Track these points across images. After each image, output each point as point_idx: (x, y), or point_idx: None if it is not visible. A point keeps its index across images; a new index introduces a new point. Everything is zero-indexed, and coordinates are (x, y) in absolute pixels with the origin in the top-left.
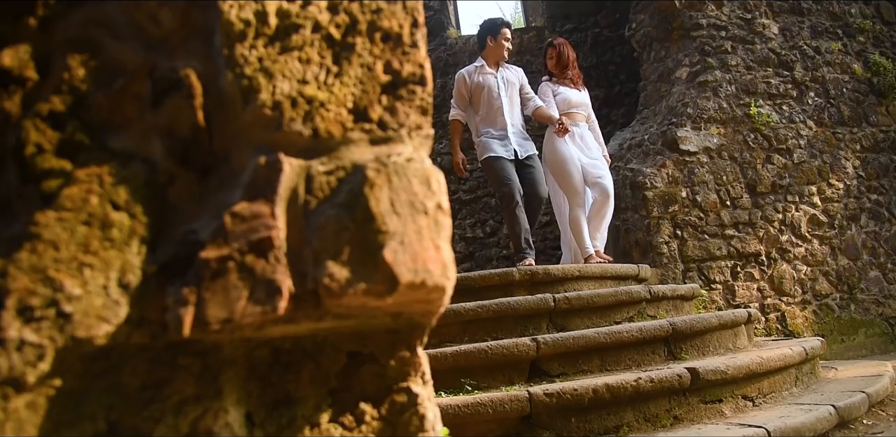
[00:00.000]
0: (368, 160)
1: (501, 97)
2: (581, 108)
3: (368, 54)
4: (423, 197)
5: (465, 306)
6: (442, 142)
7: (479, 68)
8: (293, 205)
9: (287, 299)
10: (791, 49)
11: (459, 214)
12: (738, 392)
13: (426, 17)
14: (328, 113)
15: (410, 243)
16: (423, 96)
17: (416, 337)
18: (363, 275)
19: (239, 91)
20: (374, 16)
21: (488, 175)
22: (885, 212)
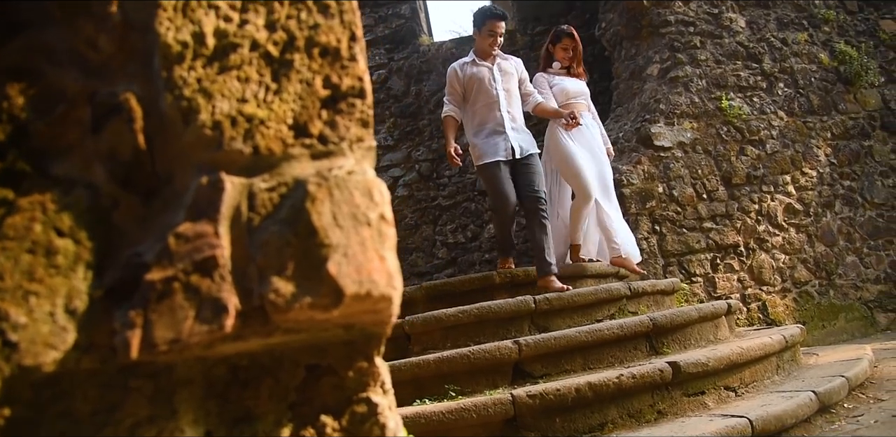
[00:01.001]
0: (310, 175)
1: (497, 89)
2: (580, 97)
3: (307, 70)
4: (365, 209)
5: (447, 312)
6: (419, 149)
7: (471, 61)
8: (237, 223)
9: (234, 317)
10: (759, 42)
11: (440, 219)
12: (720, 383)
13: (398, 26)
14: (268, 130)
15: (354, 254)
16: (363, 109)
17: (372, 347)
18: (308, 289)
19: (179, 113)
20: (312, 32)
21: (483, 183)
22: (858, 197)
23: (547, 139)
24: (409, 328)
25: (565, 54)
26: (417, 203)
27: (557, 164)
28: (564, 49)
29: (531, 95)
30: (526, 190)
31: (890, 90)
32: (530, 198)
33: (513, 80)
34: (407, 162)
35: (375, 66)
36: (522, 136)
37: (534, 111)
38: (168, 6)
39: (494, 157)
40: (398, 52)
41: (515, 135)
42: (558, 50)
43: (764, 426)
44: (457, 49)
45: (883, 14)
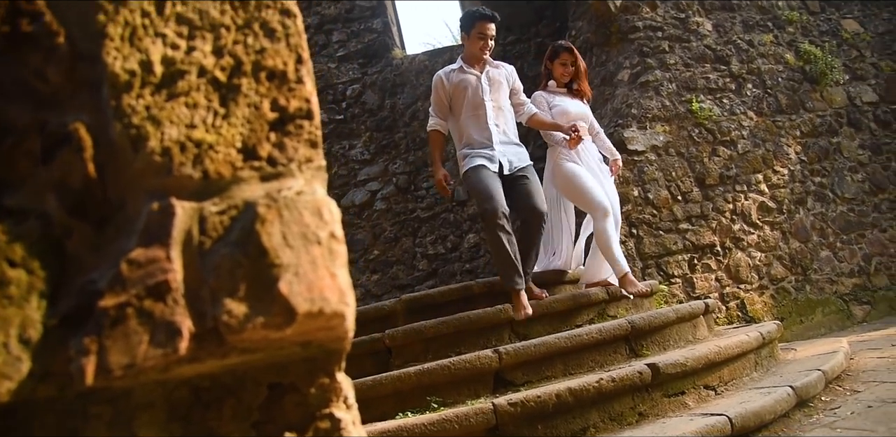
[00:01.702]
0: (259, 197)
1: (485, 99)
2: (582, 121)
3: (255, 94)
4: (315, 228)
5: (426, 323)
6: (396, 162)
7: (459, 68)
8: (188, 247)
9: (188, 340)
10: (726, 44)
11: (419, 231)
12: (699, 383)
13: (370, 40)
14: (217, 154)
15: (305, 273)
16: (311, 130)
17: (333, 363)
18: (261, 309)
19: (128, 140)
20: (259, 56)
21: (469, 190)
22: (829, 193)
23: (547, 163)
24: (389, 342)
25: (564, 70)
26: (396, 216)
27: (561, 186)
28: (563, 65)
29: (524, 105)
30: (523, 203)
31: (854, 88)
32: (529, 210)
33: (503, 89)
34: (384, 175)
35: (349, 81)
36: (513, 149)
37: (528, 123)
38: (115, 36)
39: (478, 162)
40: (372, 66)
41: (504, 149)
42: (556, 66)
43: (743, 423)
44: (430, 61)
45: (844, 14)
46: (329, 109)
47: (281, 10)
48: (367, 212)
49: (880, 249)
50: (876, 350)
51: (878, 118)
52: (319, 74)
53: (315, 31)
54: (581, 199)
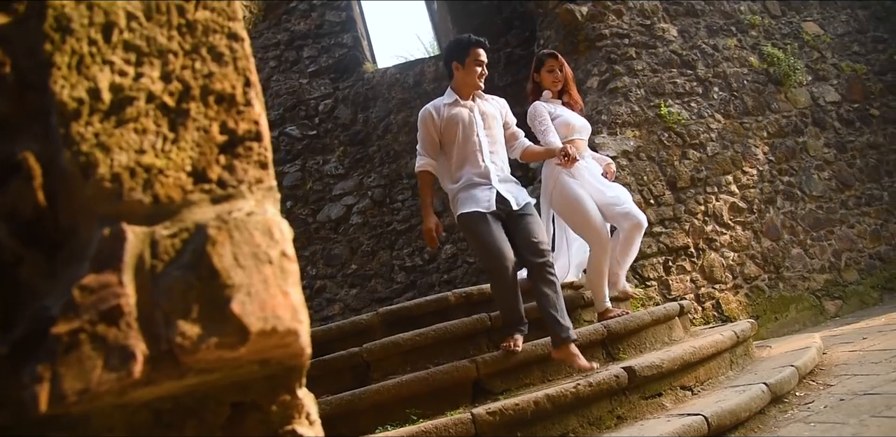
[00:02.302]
0: (210, 219)
1: (479, 135)
2: (583, 133)
3: (204, 117)
4: (266, 247)
5: (403, 336)
6: (371, 175)
7: (449, 102)
8: (140, 271)
9: (142, 363)
10: (691, 49)
11: (396, 244)
12: (676, 384)
13: (341, 55)
14: (167, 179)
15: (257, 292)
16: (260, 151)
17: (294, 380)
18: (214, 329)
19: (78, 168)
20: (207, 80)
21: (468, 239)
22: (797, 192)
23: (546, 180)
24: (367, 356)
25: (553, 77)
26: (373, 229)
27: (560, 210)
28: (550, 71)
29: (518, 139)
30: (526, 243)
31: (818, 88)
32: (533, 252)
33: (496, 124)
34: (359, 189)
35: (322, 96)
36: (513, 188)
37: (522, 157)
38: (62, 64)
39: (474, 207)
40: (343, 80)
41: (503, 187)
42: (544, 75)
43: (719, 421)
44: (401, 74)
45: (804, 17)
46: (302, 125)
47: (228, 35)
48: (343, 226)
49: (849, 244)
50: (848, 344)
51: (842, 117)
52: (291, 90)
53: (286, 48)
54: (580, 227)
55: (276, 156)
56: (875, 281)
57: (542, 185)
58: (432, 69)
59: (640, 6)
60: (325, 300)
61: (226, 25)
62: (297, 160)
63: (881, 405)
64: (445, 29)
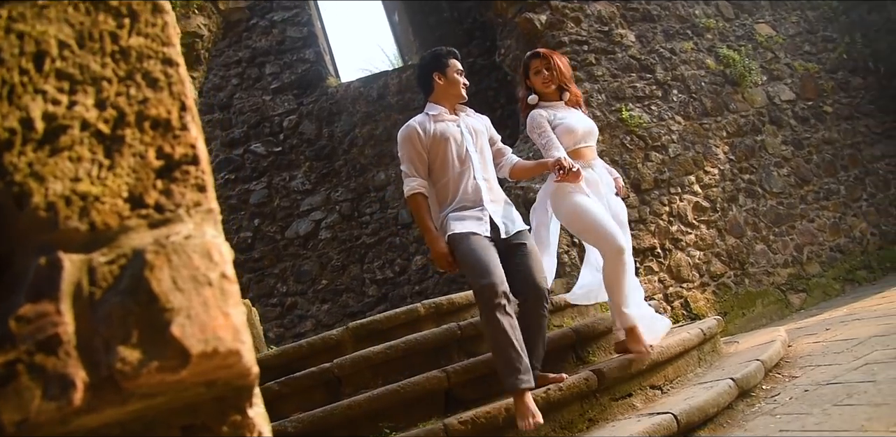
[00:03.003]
0: (148, 244)
1: (470, 152)
2: (590, 139)
3: (139, 143)
4: (205, 270)
5: (373, 350)
6: (338, 190)
7: (434, 117)
8: (78, 298)
9: (83, 390)
10: (649, 53)
11: (366, 257)
12: (645, 384)
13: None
14: (104, 206)
15: (198, 315)
16: (197, 175)
17: (243, 400)
18: (155, 353)
19: (11, 198)
20: (142, 106)
21: (458, 260)
22: (758, 189)
23: (547, 190)
24: (338, 371)
25: (541, 78)
26: (342, 244)
27: (567, 220)
28: (537, 73)
29: (505, 156)
30: (524, 280)
31: (773, 87)
32: (531, 289)
33: (484, 139)
34: (327, 204)
35: (285, 112)
36: (506, 210)
37: (511, 175)
38: None
39: (468, 227)
40: (307, 96)
41: (495, 208)
42: (533, 79)
43: (688, 418)
44: (365, 88)
45: (757, 19)
46: (267, 142)
47: (163, 60)
48: (312, 242)
49: (810, 238)
50: (812, 335)
51: (797, 115)
52: (255, 108)
53: (248, 65)
54: (591, 236)
55: (242, 174)
56: (836, 273)
57: (542, 190)
58: (396, 81)
59: (598, 13)
60: (297, 317)
61: (160, 51)
62: (264, 177)
63: (843, 393)
64: (407, 41)
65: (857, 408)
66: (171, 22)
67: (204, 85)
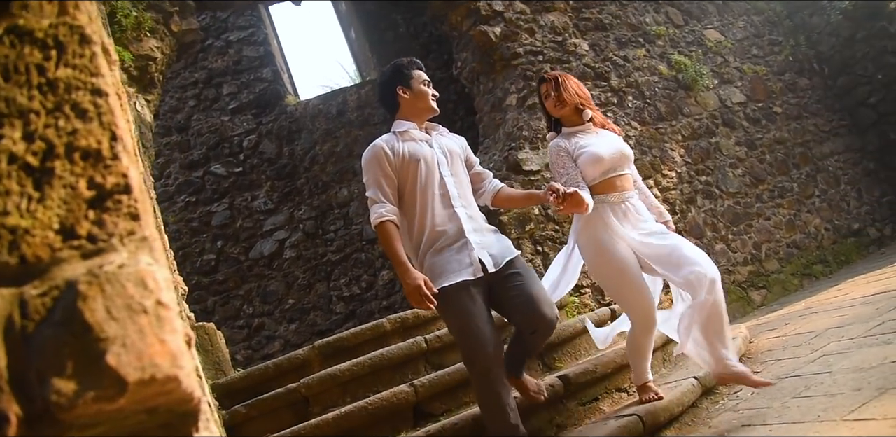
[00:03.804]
0: (81, 275)
1: (444, 176)
2: (623, 165)
3: (70, 174)
4: (140, 298)
5: (340, 367)
6: (301, 208)
7: (402, 134)
8: (10, 333)
9: (16, 425)
10: (603, 61)
11: (332, 274)
12: (611, 387)
13: (262, 90)
14: (34, 238)
15: (133, 343)
16: (130, 203)
17: (189, 425)
18: (90, 384)
19: None
20: (71, 137)
21: (443, 318)
22: (715, 190)
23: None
24: (305, 391)
25: (551, 102)
26: (307, 262)
27: (595, 271)
28: (546, 97)
29: (485, 180)
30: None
31: (724, 90)
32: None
33: (459, 161)
34: (290, 223)
35: (245, 132)
36: (490, 238)
37: (495, 203)
38: None
39: (457, 275)
40: (266, 115)
41: (479, 239)
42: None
43: (653, 419)
44: (324, 105)
45: (705, 25)
46: (227, 163)
47: (92, 91)
48: (277, 261)
49: (767, 236)
50: (772, 331)
51: (749, 116)
52: (213, 129)
53: (205, 86)
54: (620, 298)
55: (203, 196)
56: (794, 268)
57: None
58: (354, 97)
59: (551, 23)
60: (265, 338)
61: (89, 82)
62: (225, 199)
63: (801, 386)
64: (365, 57)
65: (814, 399)
66: (100, 52)
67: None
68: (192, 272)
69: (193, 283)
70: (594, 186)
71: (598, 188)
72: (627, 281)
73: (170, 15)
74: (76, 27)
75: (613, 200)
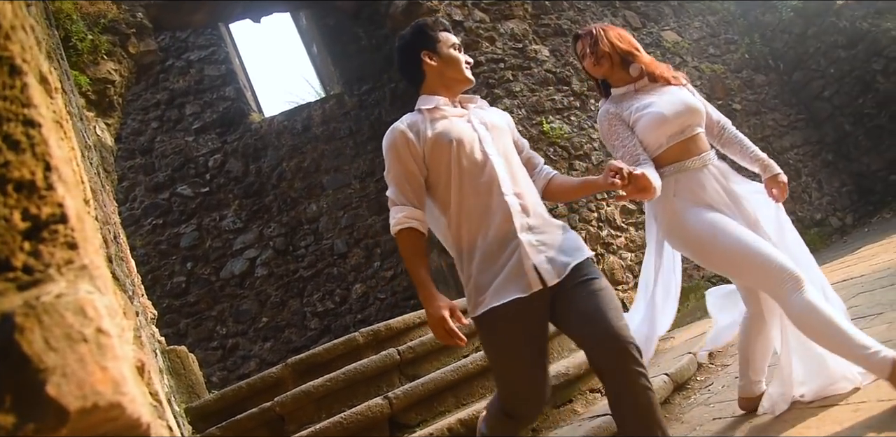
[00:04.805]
0: (17, 307)
1: (490, 156)
2: (695, 122)
3: (3, 206)
4: (79, 327)
5: (314, 384)
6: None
7: (430, 112)
8: None
9: None
10: (564, 66)
11: (305, 290)
12: (584, 388)
13: (225, 108)
14: None
15: (74, 372)
16: (66, 233)
17: None
18: (30, 416)
19: None
20: (3, 169)
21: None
22: None
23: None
24: (280, 409)
25: (589, 61)
26: (279, 279)
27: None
28: (582, 57)
29: (536, 168)
30: (599, 331)
31: None
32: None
33: (506, 138)
34: (260, 241)
35: (210, 152)
36: (552, 236)
37: (548, 195)
38: None
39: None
40: (230, 134)
41: (537, 238)
42: (585, 65)
43: None
44: (288, 121)
45: (662, 27)
46: (193, 183)
47: (24, 122)
48: (248, 280)
49: None
50: None
51: None
52: (178, 149)
53: (167, 107)
54: (738, 268)
55: (170, 218)
56: None
57: (647, 214)
58: (319, 112)
59: (511, 31)
60: (240, 358)
61: (21, 113)
62: (193, 219)
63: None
64: (328, 72)
65: None
66: (34, 82)
67: (122, 130)
68: (163, 295)
69: (164, 306)
70: (662, 155)
71: (669, 156)
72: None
73: (126, 37)
74: (5, 58)
75: (691, 166)
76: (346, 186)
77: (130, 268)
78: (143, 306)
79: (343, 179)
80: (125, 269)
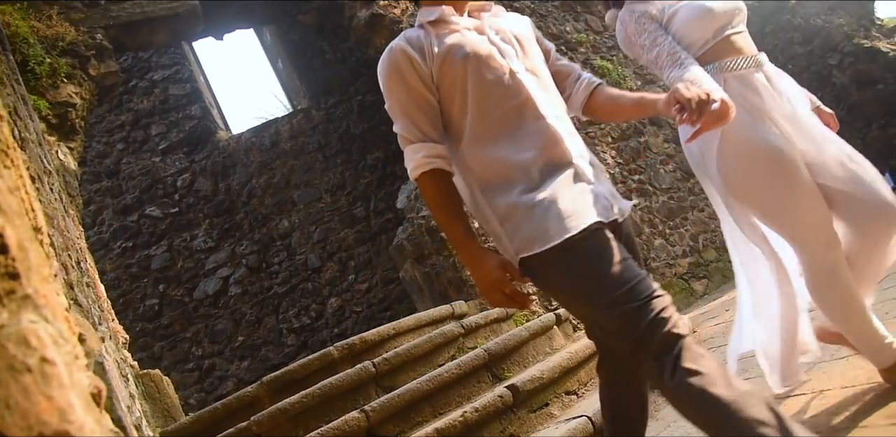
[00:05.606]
0: None
1: (517, 74)
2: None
3: None
4: (23, 357)
5: (290, 401)
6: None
7: (433, 26)
8: None
9: None
10: None
11: (280, 307)
12: (560, 391)
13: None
14: None
15: (18, 403)
16: (7, 263)
17: None
18: None
19: None
20: None
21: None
22: (649, 187)
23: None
24: (256, 428)
25: None
26: (254, 297)
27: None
28: None
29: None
30: None
31: (648, 90)
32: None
33: (534, 48)
34: (232, 259)
35: (178, 172)
36: (598, 173)
37: (588, 110)
38: None
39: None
40: (198, 152)
41: (589, 169)
42: None
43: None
44: (256, 138)
45: None
46: (162, 204)
47: None
48: (222, 299)
49: (703, 227)
50: (714, 318)
51: None
52: (145, 171)
53: (132, 128)
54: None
55: (140, 240)
56: None
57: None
58: (287, 127)
59: None
60: (217, 379)
61: None
62: (163, 241)
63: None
64: (294, 86)
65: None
66: None
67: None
68: (136, 319)
69: (137, 330)
70: (707, 53)
71: (714, 53)
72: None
73: (86, 59)
74: None
75: (743, 65)
76: (317, 200)
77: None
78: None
79: (314, 193)
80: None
